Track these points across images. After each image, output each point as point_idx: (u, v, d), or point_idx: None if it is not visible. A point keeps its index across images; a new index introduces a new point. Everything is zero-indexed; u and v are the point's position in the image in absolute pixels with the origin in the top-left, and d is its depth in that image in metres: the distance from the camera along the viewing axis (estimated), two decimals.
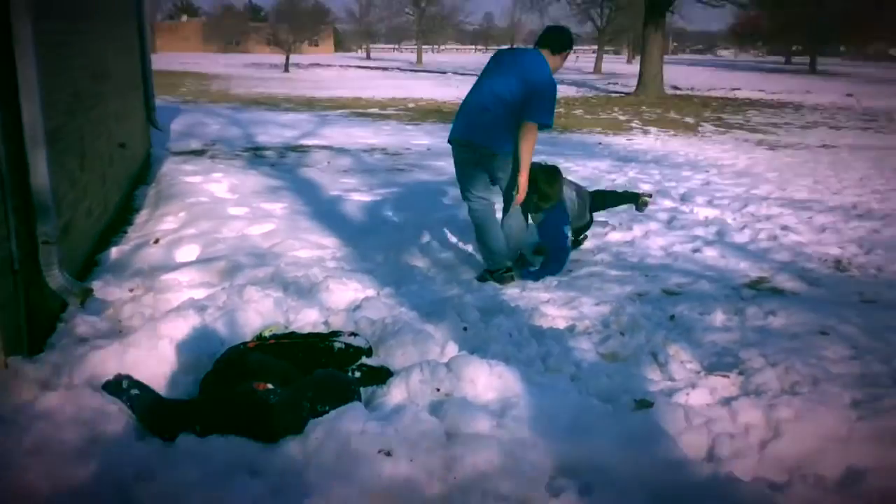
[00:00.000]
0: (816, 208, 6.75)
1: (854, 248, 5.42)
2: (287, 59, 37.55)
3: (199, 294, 3.80)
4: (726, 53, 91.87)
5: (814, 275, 4.77)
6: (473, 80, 4.76)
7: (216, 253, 4.71)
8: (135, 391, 2.52)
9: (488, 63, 4.65)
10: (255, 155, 9.28)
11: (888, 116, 18.24)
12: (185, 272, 4.24)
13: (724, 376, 3.00)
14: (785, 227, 5.97)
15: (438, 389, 2.60)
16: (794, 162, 10.03)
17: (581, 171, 8.69)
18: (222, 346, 3.03)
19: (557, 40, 4.60)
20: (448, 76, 33.76)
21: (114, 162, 5.79)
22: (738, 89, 26.64)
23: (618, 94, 24.18)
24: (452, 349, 3.05)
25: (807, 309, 3.87)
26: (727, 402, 2.76)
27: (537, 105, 4.31)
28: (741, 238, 5.68)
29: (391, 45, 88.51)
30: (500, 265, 4.60)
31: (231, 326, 3.24)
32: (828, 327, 3.60)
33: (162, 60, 37.60)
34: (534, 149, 4.37)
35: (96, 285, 3.81)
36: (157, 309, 3.58)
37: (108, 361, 2.79)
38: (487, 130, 4.39)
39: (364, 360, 2.94)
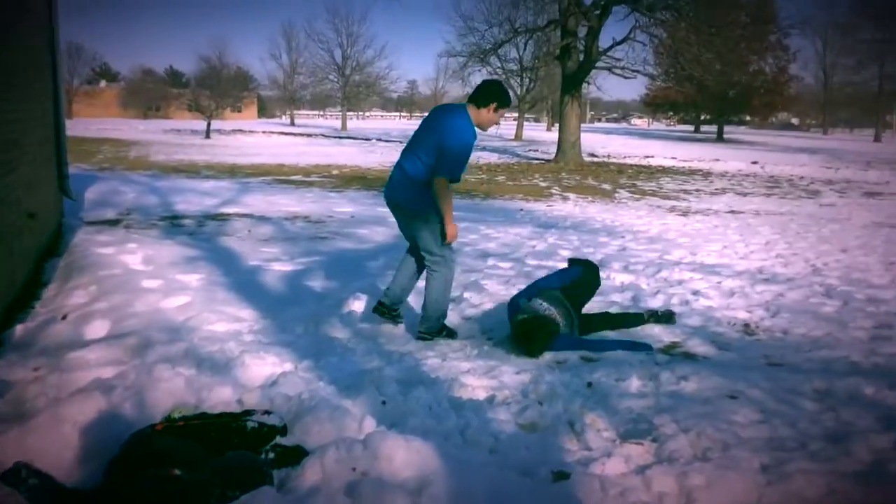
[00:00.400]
0: (725, 273, 7.02)
1: (761, 312, 5.64)
2: (208, 125, 37.29)
3: (108, 373, 3.65)
4: (640, 122, 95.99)
5: (723, 339, 4.93)
6: (398, 146, 4.94)
7: (127, 328, 4.55)
8: (34, 481, 2.38)
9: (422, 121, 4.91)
10: (173, 224, 9.10)
11: (791, 183, 19.28)
12: (93, 350, 4.08)
13: (638, 444, 3.05)
14: (696, 292, 6.18)
15: (354, 469, 2.55)
16: (704, 227, 10.45)
17: (503, 238, 8.84)
18: (129, 429, 2.90)
19: (483, 94, 4.63)
20: (373, 143, 34.14)
21: (23, 233, 5.60)
22: (652, 157, 27.77)
23: (538, 161, 24.86)
24: (370, 424, 3.01)
25: (717, 373, 3.99)
26: (642, 470, 2.80)
27: (446, 159, 4.44)
28: (655, 303, 5.84)
29: (316, 112, 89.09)
30: (431, 328, 4.76)
31: (139, 408, 3.12)
32: (737, 391, 3.71)
33: (78, 126, 36.96)
34: (451, 199, 4.55)
35: None
36: (63, 390, 3.42)
37: (7, 448, 2.65)
38: (406, 189, 4.63)
39: (278, 439, 2.87)
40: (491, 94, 4.62)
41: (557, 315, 4.68)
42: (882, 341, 4.85)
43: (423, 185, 4.54)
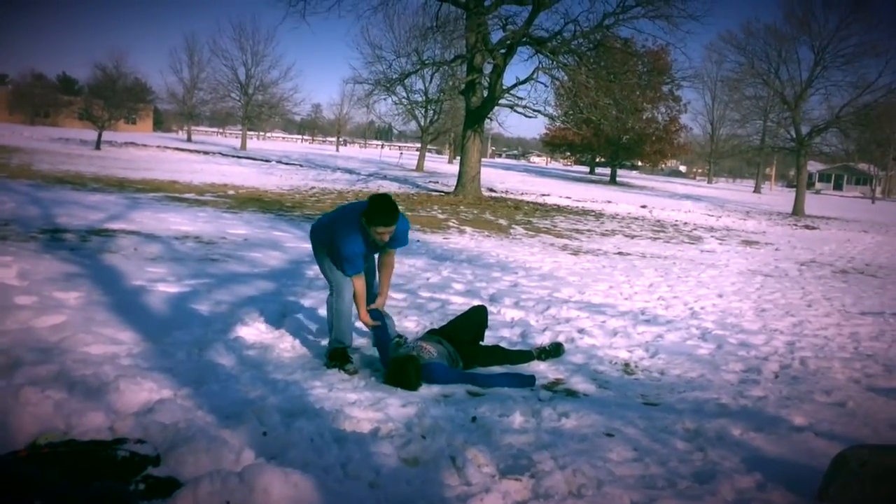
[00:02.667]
0: (610, 312, 7.28)
1: (641, 352, 5.87)
2: (99, 136, 35.85)
3: None
4: (538, 160, 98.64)
5: (604, 377, 5.11)
6: (298, 170, 5.03)
7: None
8: None
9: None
10: (53, 238, 8.67)
11: (676, 228, 20.21)
12: None
13: (516, 480, 3.11)
14: (581, 330, 6.37)
15: (228, 502, 2.49)
16: (593, 267, 10.80)
17: (397, 268, 8.82)
18: None
19: (368, 213, 4.76)
20: (272, 164, 33.60)
21: None
22: (548, 195, 28.53)
23: (438, 193, 25.10)
24: (249, 456, 2.95)
25: (596, 411, 4.13)
26: None
27: (338, 260, 4.89)
28: (542, 340, 5.98)
29: (215, 129, 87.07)
30: (330, 347, 4.99)
31: (2, 432, 2.94)
32: (614, 429, 3.85)
33: None
34: (360, 291, 4.96)
35: None
36: None
37: None
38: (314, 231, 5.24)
39: (150, 470, 2.76)
40: (367, 213, 4.75)
41: (429, 349, 4.84)
42: (750, 384, 5.14)
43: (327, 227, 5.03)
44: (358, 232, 4.78)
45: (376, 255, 5.21)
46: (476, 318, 5.42)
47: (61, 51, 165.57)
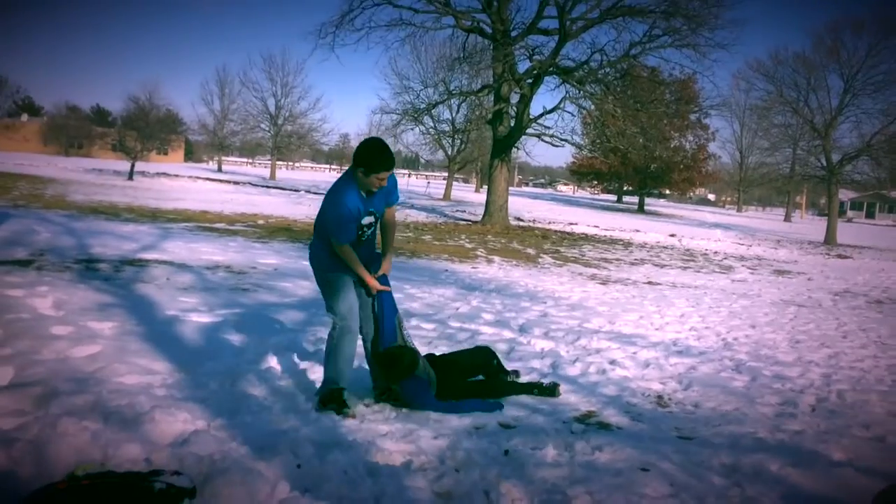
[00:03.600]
0: (641, 343, 7.21)
1: (674, 384, 5.80)
2: (132, 166, 36.53)
3: (8, 424, 3.48)
4: (565, 189, 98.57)
5: (637, 410, 5.04)
6: None
7: (32, 377, 4.35)
8: None
9: None
10: (88, 268, 8.81)
11: (706, 257, 20.04)
12: None
13: None
14: (613, 361, 6.32)
15: None
16: (623, 297, 10.73)
17: (427, 298, 8.88)
18: (29, 485, 2.77)
19: (354, 157, 4.54)
20: (301, 194, 33.96)
21: None
22: (576, 224, 28.50)
23: (465, 222, 25.18)
24: (284, 489, 2.95)
25: (630, 445, 4.07)
26: None
27: (324, 227, 4.57)
28: (573, 371, 5.94)
29: (244, 159, 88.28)
30: (320, 393, 4.67)
31: (41, 464, 2.98)
32: (649, 463, 3.79)
33: None
34: (352, 258, 4.59)
35: None
36: None
37: None
38: (309, 252, 4.87)
39: (187, 502, 2.78)
40: (356, 159, 4.49)
41: (422, 364, 4.84)
42: (787, 418, 5.04)
43: (317, 248, 4.75)
44: (352, 190, 4.48)
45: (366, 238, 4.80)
46: (477, 361, 5.31)
47: (95, 83, 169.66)
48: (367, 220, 4.65)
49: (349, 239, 4.55)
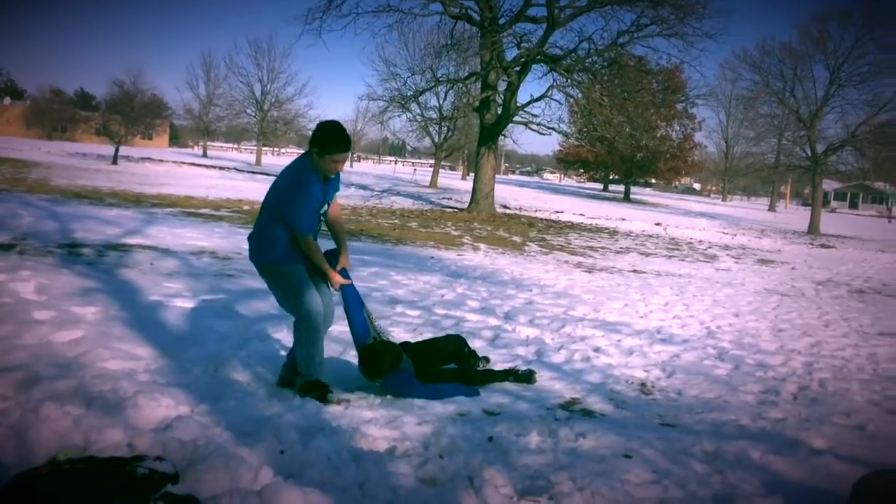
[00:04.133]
0: (625, 331, 7.24)
1: (657, 372, 5.84)
2: (116, 151, 36.17)
3: None
4: (552, 177, 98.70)
5: (621, 397, 5.07)
6: None
7: (13, 361, 4.32)
8: None
9: None
10: (71, 252, 8.73)
11: (690, 246, 20.14)
12: None
13: (535, 501, 3.09)
14: (597, 349, 6.34)
15: None
16: (608, 285, 10.76)
17: (412, 285, 8.87)
18: (10, 471, 2.75)
19: (311, 138, 4.38)
20: None
21: None
22: (562, 212, 28.54)
23: (451, 210, 25.15)
24: (267, 475, 2.94)
25: (613, 431, 4.10)
26: None
27: (287, 216, 4.31)
28: (558, 358, 5.96)
29: (230, 145, 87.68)
30: (300, 381, 4.49)
31: (22, 448, 2.96)
32: (632, 450, 3.82)
33: None
34: (316, 250, 4.40)
35: None
36: None
37: None
38: (251, 243, 4.54)
39: (169, 487, 2.77)
40: (312, 139, 4.35)
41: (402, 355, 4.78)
42: (769, 406, 5.09)
43: (262, 239, 4.46)
44: (314, 175, 4.32)
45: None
46: (449, 348, 5.27)
47: (79, 67, 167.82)
48: (324, 208, 4.51)
49: (313, 229, 4.39)
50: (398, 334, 6.18)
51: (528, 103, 24.31)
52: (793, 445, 4.17)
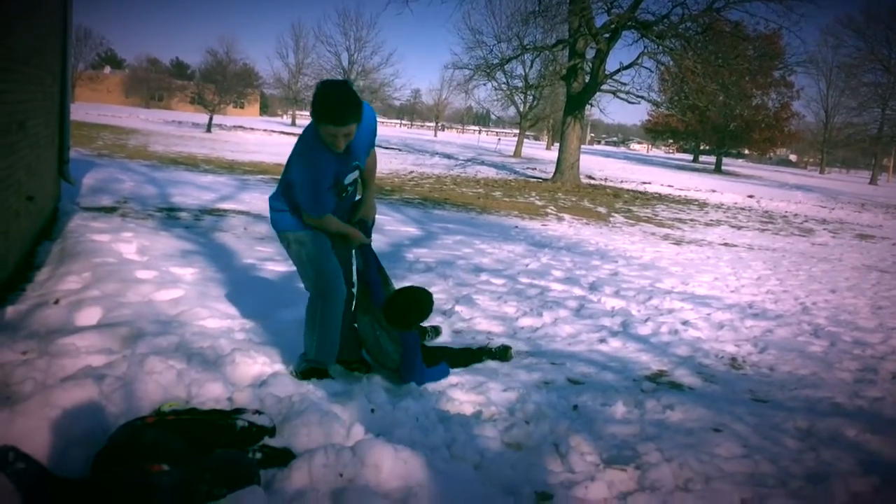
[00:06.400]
0: (715, 305, 7.07)
1: (749, 347, 5.69)
2: (210, 119, 37.32)
3: (98, 361, 3.65)
4: (639, 147, 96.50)
5: (710, 371, 4.97)
6: (396, 153, 4.84)
7: (119, 318, 4.56)
8: (20, 465, 2.39)
9: None
10: (169, 216, 9.10)
11: (785, 219, 19.41)
12: (84, 337, 4.08)
13: (621, 470, 3.08)
14: (685, 322, 6.22)
15: (341, 475, 2.57)
16: (697, 258, 10.51)
17: (497, 254, 8.88)
18: (118, 419, 2.92)
19: (311, 104, 3.60)
20: None
21: (20, 216, 5.60)
22: (649, 183, 27.89)
23: (535, 180, 24.94)
24: (359, 432, 3.03)
25: (702, 405, 4.03)
26: (624, 497, 2.83)
27: (294, 195, 3.80)
28: (644, 330, 5.88)
29: None
30: (304, 365, 3.97)
31: (129, 399, 3.13)
32: (721, 424, 3.75)
33: (79, 111, 36.90)
34: (330, 223, 3.85)
35: None
36: (51, 375, 3.42)
37: None
38: (270, 209, 4.08)
39: (267, 440, 2.88)
40: (312, 108, 3.59)
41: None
42: (866, 384, 4.90)
43: (282, 201, 3.95)
44: (323, 150, 3.64)
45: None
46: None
47: (175, 37, 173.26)
48: (350, 177, 3.92)
49: (326, 211, 3.80)
50: (483, 303, 6.22)
51: (617, 71, 23.78)
52: (891, 425, 4.02)
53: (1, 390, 3.25)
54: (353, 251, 4.18)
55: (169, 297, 5.19)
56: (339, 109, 3.47)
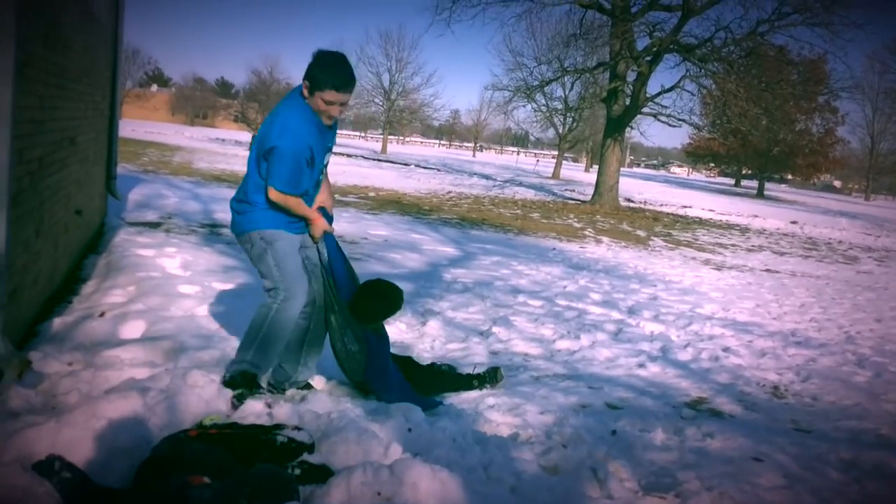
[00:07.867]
0: (757, 332, 6.96)
1: (791, 376, 5.58)
2: (253, 136, 37.88)
3: (142, 374, 3.73)
4: (679, 171, 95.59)
5: (751, 399, 4.89)
6: (436, 174, 4.86)
7: (162, 331, 4.64)
8: (66, 474, 2.44)
9: None
10: (212, 232, 9.25)
11: (829, 246, 19.05)
12: (128, 349, 4.16)
13: (661, 498, 3.04)
14: (726, 349, 6.13)
15: (379, 493, 2.58)
16: (738, 284, 10.36)
17: (535, 276, 8.86)
18: (161, 431, 2.96)
19: (308, 70, 3.45)
20: (411, 168, 34.35)
21: (68, 229, 5.74)
22: (689, 207, 27.61)
23: (574, 202, 24.85)
24: (396, 451, 3.03)
25: (743, 433, 3.96)
26: None
27: (269, 164, 3.47)
28: (684, 356, 5.81)
29: (357, 133, 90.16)
30: (231, 374, 3.70)
31: (172, 412, 3.18)
32: (762, 454, 3.68)
33: (126, 128, 37.73)
34: (293, 205, 3.57)
35: (34, 356, 3.73)
36: (96, 386, 3.49)
37: (41, 440, 2.70)
38: (232, 210, 3.80)
39: (306, 456, 2.90)
40: (307, 72, 3.43)
41: None
42: None
43: (245, 201, 3.68)
44: (310, 119, 3.49)
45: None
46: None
47: (220, 56, 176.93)
48: (328, 157, 3.78)
49: (304, 188, 3.57)
50: (520, 324, 6.20)
51: (658, 94, 23.66)
52: None
53: (48, 400, 3.33)
54: (318, 243, 3.90)
55: (210, 312, 5.27)
56: (345, 73, 3.42)
